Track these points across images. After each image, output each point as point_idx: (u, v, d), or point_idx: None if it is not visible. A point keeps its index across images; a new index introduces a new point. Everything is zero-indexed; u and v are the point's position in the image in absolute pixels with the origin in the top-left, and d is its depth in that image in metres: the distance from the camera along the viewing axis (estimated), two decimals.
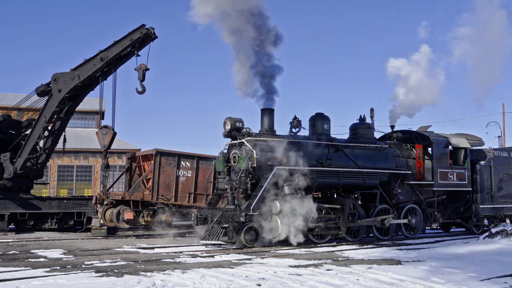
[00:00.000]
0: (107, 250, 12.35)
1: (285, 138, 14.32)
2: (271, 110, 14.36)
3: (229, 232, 12.59)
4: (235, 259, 10.61)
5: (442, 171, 16.84)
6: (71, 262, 9.89)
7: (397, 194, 16.11)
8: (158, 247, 13.06)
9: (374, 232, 15.52)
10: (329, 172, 14.51)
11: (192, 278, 7.87)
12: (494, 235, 14.78)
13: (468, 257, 11.30)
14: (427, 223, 17.08)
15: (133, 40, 16.68)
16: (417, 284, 7.63)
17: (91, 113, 37.70)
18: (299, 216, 13.29)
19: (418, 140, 17.32)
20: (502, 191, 19.01)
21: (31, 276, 8.06)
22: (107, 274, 8.27)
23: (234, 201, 13.30)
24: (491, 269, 9.29)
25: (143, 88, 16.63)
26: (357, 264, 9.83)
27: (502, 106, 35.85)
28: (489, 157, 18.86)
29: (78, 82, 17.51)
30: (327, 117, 15.48)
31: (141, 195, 17.39)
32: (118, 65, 17.64)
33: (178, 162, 18.02)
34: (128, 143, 36.32)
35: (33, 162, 18.57)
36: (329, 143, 14.97)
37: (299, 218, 13.28)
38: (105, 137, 17.19)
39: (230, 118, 13.91)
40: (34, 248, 12.74)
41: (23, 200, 18.33)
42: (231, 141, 14.15)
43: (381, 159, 15.94)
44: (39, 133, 18.11)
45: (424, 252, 12.20)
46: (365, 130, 16.32)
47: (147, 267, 9.08)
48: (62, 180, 34.39)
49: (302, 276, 8.25)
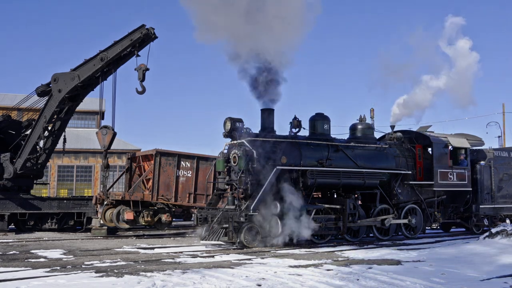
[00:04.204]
0: (107, 250, 12.35)
1: (285, 138, 14.31)
2: (271, 110, 14.36)
3: (229, 232, 12.58)
4: (235, 259, 10.61)
5: (442, 171, 16.83)
6: (71, 262, 9.89)
7: (397, 194, 16.11)
8: (158, 247, 13.06)
9: (374, 232, 15.52)
10: (329, 172, 14.50)
11: (192, 278, 7.87)
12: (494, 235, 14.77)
13: (468, 257, 11.29)
14: (427, 223, 17.07)
15: (133, 40, 16.68)
16: (417, 284, 7.63)
17: (91, 113, 37.72)
18: (299, 216, 13.29)
19: (418, 140, 17.33)
20: (502, 191, 19.01)
21: (31, 276, 8.06)
22: (107, 274, 8.27)
23: (234, 201, 13.29)
24: (491, 269, 9.30)
25: (143, 88, 16.63)
26: (357, 264, 9.83)
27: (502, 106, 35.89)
28: (489, 157, 18.86)
29: (78, 82, 17.51)
30: (327, 117, 15.47)
31: (141, 195, 17.40)
32: (118, 65, 17.64)
33: (178, 162, 18.02)
34: (128, 143, 36.32)
35: (33, 162, 18.57)
36: (329, 143, 14.97)
37: (299, 218, 13.28)
38: (105, 137, 17.18)
39: (230, 118, 13.90)
40: (34, 248, 12.73)
41: (23, 200, 18.33)
42: (231, 141, 14.14)
43: (381, 159, 15.94)
44: (39, 133, 18.10)
45: (424, 252, 12.19)
46: (365, 130, 16.32)
47: (147, 267, 9.08)
48: (62, 180, 34.39)
49: (302, 276, 8.25)
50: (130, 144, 36.28)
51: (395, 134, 17.41)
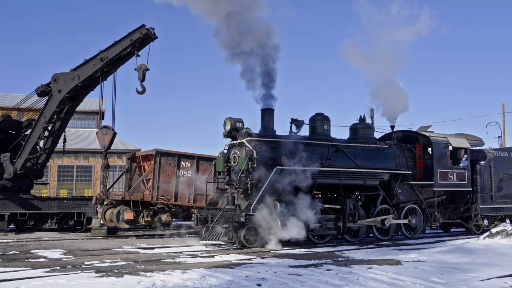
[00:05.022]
0: (107, 250, 12.35)
1: (285, 138, 14.31)
2: (271, 110, 14.36)
3: (229, 232, 12.58)
4: (235, 259, 10.61)
5: (442, 171, 16.83)
6: (71, 262, 9.89)
7: (397, 194, 16.11)
8: (158, 247, 13.07)
9: (374, 232, 15.52)
10: (329, 172, 14.50)
11: (192, 278, 7.87)
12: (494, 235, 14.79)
13: (468, 257, 11.30)
14: (427, 223, 17.07)
15: (133, 40, 16.68)
16: (417, 284, 7.63)
17: (91, 113, 37.70)
18: (299, 216, 13.29)
19: (418, 140, 17.34)
20: (502, 191, 19.01)
21: (31, 276, 8.06)
22: (107, 274, 8.27)
23: (234, 201, 13.29)
24: (491, 269, 9.30)
25: (143, 88, 16.63)
26: (357, 264, 9.83)
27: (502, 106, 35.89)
28: (489, 157, 18.86)
29: (78, 82, 17.52)
30: (327, 117, 15.48)
31: (141, 195, 17.40)
32: (118, 65, 17.64)
33: (178, 162, 18.02)
34: (128, 143, 36.31)
35: (33, 162, 18.57)
36: (329, 143, 14.97)
37: (299, 218, 13.28)
38: (105, 137, 17.18)
39: (230, 118, 13.90)
40: (34, 248, 12.74)
41: (23, 200, 18.33)
42: (231, 141, 14.14)
43: (381, 159, 15.94)
44: (39, 133, 18.11)
45: (424, 252, 12.20)
46: (365, 130, 16.32)
47: (147, 267, 9.08)
48: (62, 180, 34.38)
49: (302, 276, 8.24)
50: (130, 144, 36.27)
51: (395, 134, 17.40)
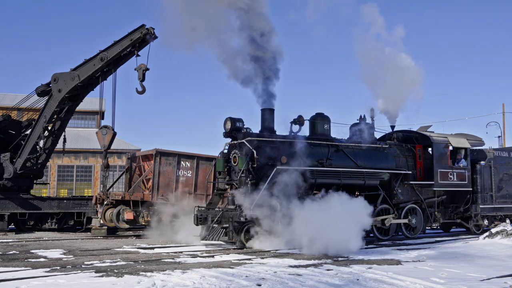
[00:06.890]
0: (107, 250, 12.34)
1: (285, 138, 14.31)
2: (271, 110, 14.35)
3: (229, 232, 12.58)
4: (235, 259, 10.61)
5: (442, 171, 16.84)
6: (71, 262, 9.89)
7: (397, 194, 16.11)
8: (158, 247, 13.06)
9: (374, 232, 15.51)
10: (329, 172, 14.50)
11: (192, 278, 7.87)
12: (494, 235, 14.80)
13: (468, 257, 11.30)
14: (427, 223, 17.08)
15: (133, 40, 16.67)
16: (417, 284, 7.63)
17: (91, 113, 37.71)
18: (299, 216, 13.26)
19: (418, 140, 17.34)
20: (502, 191, 19.01)
21: (31, 276, 8.06)
22: (107, 274, 8.27)
23: (234, 201, 13.29)
24: (491, 269, 9.30)
25: (143, 88, 16.62)
26: (357, 264, 9.83)
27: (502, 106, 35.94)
28: (489, 157, 18.86)
29: (78, 82, 17.50)
30: (327, 117, 15.47)
31: (141, 195, 17.39)
32: (118, 65, 17.62)
33: (178, 162, 17.99)
34: (128, 143, 36.31)
35: (33, 162, 18.56)
36: (329, 143, 14.96)
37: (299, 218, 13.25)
38: (105, 137, 17.17)
39: (230, 118, 13.89)
40: (34, 248, 12.73)
41: (23, 200, 18.32)
42: (231, 141, 14.13)
43: (381, 159, 15.94)
44: (39, 133, 18.10)
45: (424, 252, 12.20)
46: (365, 130, 16.30)
47: (147, 267, 9.07)
48: (62, 180, 34.38)
49: (302, 276, 8.24)
50: (130, 144, 36.27)
51: (395, 134, 17.40)
